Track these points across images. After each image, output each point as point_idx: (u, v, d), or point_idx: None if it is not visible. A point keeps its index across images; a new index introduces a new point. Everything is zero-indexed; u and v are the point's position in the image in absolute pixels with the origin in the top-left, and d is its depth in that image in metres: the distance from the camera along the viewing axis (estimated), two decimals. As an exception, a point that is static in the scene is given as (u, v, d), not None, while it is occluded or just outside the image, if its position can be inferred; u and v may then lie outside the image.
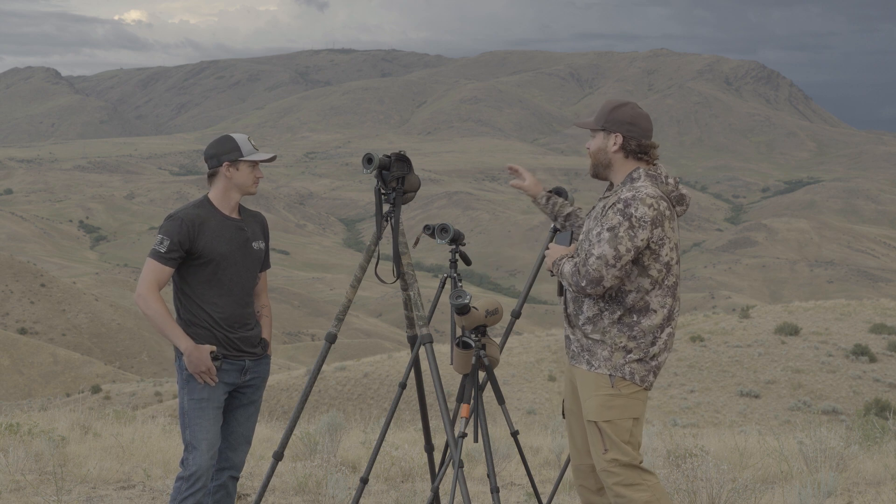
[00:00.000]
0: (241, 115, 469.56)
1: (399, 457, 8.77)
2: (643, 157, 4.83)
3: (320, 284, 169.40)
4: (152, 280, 5.23)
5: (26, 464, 8.50)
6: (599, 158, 4.88)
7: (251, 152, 5.38)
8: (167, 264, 5.24)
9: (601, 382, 4.75)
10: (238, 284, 5.36)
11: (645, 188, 4.70)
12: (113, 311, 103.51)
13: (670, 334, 4.80)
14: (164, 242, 5.24)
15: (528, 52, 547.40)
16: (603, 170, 4.88)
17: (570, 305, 4.88)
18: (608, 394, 4.74)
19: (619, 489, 4.73)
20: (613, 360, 4.73)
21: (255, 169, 5.40)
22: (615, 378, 4.73)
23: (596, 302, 4.76)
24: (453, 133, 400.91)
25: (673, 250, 4.73)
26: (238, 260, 5.36)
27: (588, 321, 4.78)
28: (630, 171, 4.82)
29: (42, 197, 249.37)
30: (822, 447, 8.69)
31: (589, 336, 4.78)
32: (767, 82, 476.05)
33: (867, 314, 48.31)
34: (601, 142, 4.85)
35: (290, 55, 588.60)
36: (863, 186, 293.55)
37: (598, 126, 4.85)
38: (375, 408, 37.88)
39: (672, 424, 23.02)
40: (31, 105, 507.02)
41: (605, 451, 4.74)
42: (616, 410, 4.74)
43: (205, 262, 5.28)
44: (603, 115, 4.85)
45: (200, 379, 5.22)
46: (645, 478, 4.75)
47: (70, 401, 44.91)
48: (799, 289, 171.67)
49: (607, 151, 4.84)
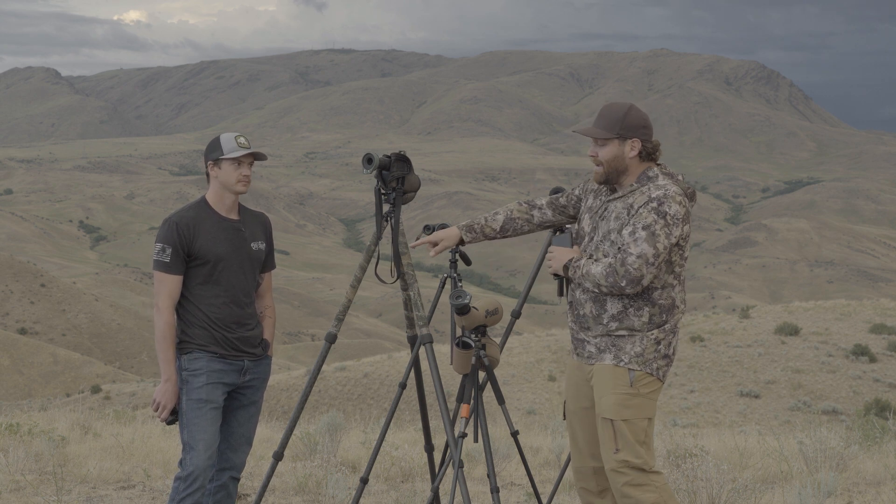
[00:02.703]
0: (241, 116, 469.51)
1: (399, 457, 8.77)
2: (654, 156, 4.86)
3: (320, 284, 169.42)
4: (166, 294, 5.24)
5: (26, 464, 8.50)
6: (615, 166, 4.81)
7: (233, 150, 5.32)
8: (174, 272, 5.24)
9: (620, 380, 4.73)
10: (235, 285, 5.35)
11: (670, 186, 4.75)
12: (113, 311, 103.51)
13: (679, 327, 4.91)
14: (165, 251, 5.23)
15: (528, 52, 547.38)
16: (618, 176, 4.83)
17: (585, 307, 4.84)
18: (626, 392, 4.72)
19: (627, 489, 4.71)
20: (645, 356, 4.74)
21: (241, 167, 5.32)
22: (634, 375, 4.73)
23: (620, 299, 4.76)
24: (453, 133, 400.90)
25: (689, 246, 4.84)
26: (235, 261, 5.34)
27: (613, 318, 4.77)
28: (643, 170, 4.84)
29: (42, 197, 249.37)
30: (822, 447, 8.69)
31: (614, 333, 4.76)
32: (767, 82, 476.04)
33: (867, 314, 48.32)
34: (616, 149, 4.80)
35: (290, 55, 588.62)
36: (863, 186, 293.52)
37: (612, 134, 4.80)
38: (375, 408, 37.87)
39: (672, 424, 23.02)
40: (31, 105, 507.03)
41: (617, 451, 4.71)
42: (633, 410, 4.73)
43: (201, 263, 5.27)
44: (616, 122, 4.80)
45: (153, 406, 5.32)
46: (653, 479, 4.73)
47: (70, 401, 44.90)
48: (799, 289, 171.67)
49: (624, 158, 4.81)
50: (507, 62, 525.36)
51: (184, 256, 5.24)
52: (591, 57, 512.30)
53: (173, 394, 5.26)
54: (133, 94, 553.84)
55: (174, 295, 5.25)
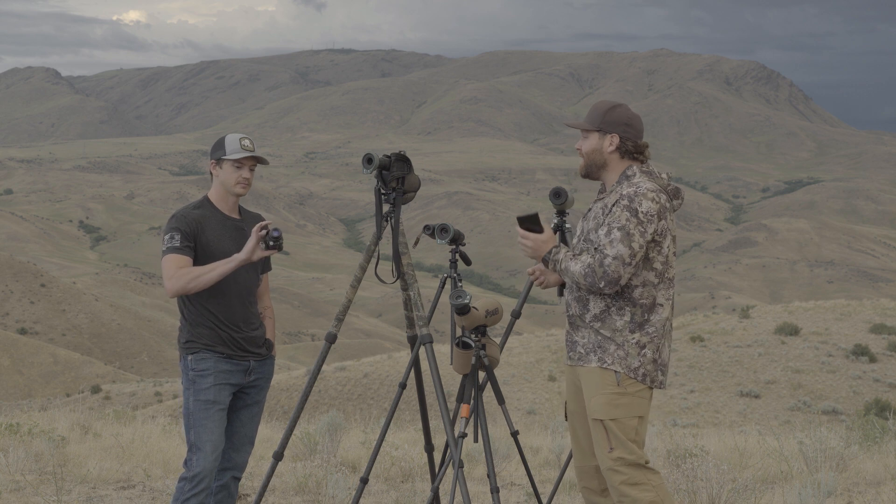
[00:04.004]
0: (241, 116, 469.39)
1: (399, 457, 8.77)
2: (638, 156, 4.89)
3: (320, 284, 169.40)
4: (175, 265, 5.19)
5: (26, 464, 8.50)
6: (594, 159, 4.89)
7: (235, 152, 5.33)
8: (185, 253, 5.22)
9: (607, 380, 4.75)
10: (241, 284, 5.36)
11: (644, 183, 4.76)
12: (113, 311, 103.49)
13: (671, 326, 4.88)
14: (174, 238, 5.23)
15: (528, 53, 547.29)
16: (597, 170, 4.90)
17: (572, 307, 4.87)
18: (614, 392, 4.74)
19: (624, 488, 4.72)
20: (629, 361, 4.74)
21: (242, 169, 5.33)
22: (621, 376, 4.74)
23: (602, 298, 4.77)
24: (453, 133, 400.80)
25: (672, 243, 4.81)
26: (240, 259, 5.36)
27: (595, 318, 4.78)
28: (623, 169, 4.87)
29: (42, 197, 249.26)
30: (822, 447, 8.69)
31: (599, 332, 4.77)
32: (767, 82, 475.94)
33: (867, 314, 48.31)
34: (596, 143, 4.87)
35: (290, 55, 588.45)
36: (863, 186, 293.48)
37: (592, 127, 4.87)
38: (375, 408, 37.85)
39: (672, 424, 23.01)
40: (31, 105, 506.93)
41: (611, 450, 4.73)
42: (622, 409, 4.74)
43: (209, 262, 5.29)
44: (598, 117, 4.87)
45: (257, 236, 5.15)
46: (650, 477, 4.74)
47: (70, 401, 44.90)
48: (799, 289, 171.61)
49: (603, 152, 4.87)
50: (507, 62, 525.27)
51: (193, 245, 5.24)
52: (590, 57, 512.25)
53: (248, 245, 5.16)
54: (133, 94, 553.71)
55: (184, 267, 5.22)
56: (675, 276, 4.87)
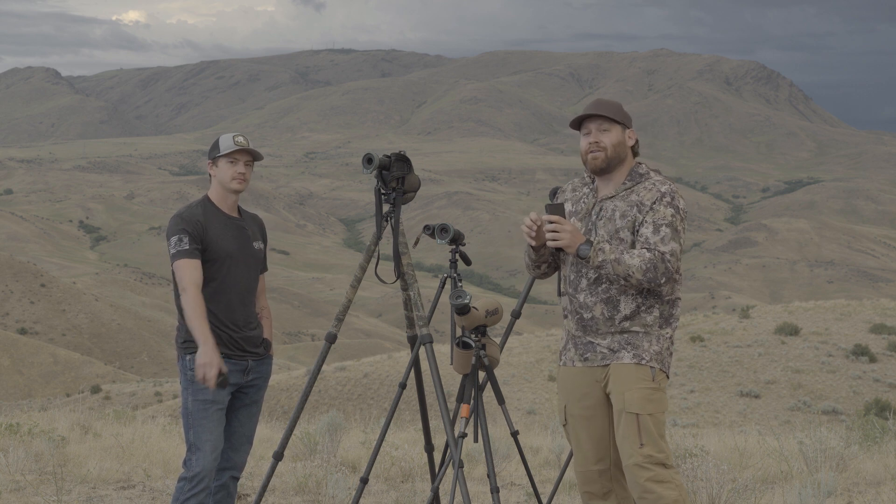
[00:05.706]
0: (241, 116, 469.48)
1: (399, 457, 8.77)
2: (636, 154, 4.92)
3: (320, 284, 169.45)
4: (189, 277, 5.18)
5: (26, 464, 8.50)
6: (619, 152, 4.81)
7: (228, 147, 5.34)
8: (195, 257, 5.22)
9: (643, 375, 4.72)
10: (242, 283, 5.37)
11: (667, 180, 4.81)
12: (113, 312, 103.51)
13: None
14: (182, 240, 5.22)
15: (528, 53, 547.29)
16: (617, 164, 4.81)
17: (594, 309, 4.76)
18: (650, 387, 4.72)
19: (650, 485, 4.66)
20: (662, 357, 4.76)
21: (237, 165, 5.33)
22: (656, 371, 4.74)
23: (634, 297, 4.74)
24: (453, 133, 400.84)
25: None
26: (241, 259, 5.37)
27: (625, 318, 4.74)
28: (632, 166, 4.86)
29: (42, 197, 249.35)
30: (822, 447, 8.69)
31: (629, 330, 4.74)
32: (767, 82, 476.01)
33: (867, 314, 48.33)
34: (619, 136, 4.81)
35: (290, 55, 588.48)
36: (863, 186, 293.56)
37: (619, 118, 4.81)
38: (375, 408, 37.86)
39: (672, 424, 23.02)
40: (31, 105, 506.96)
41: (642, 446, 4.67)
42: (655, 404, 4.73)
43: (211, 261, 5.28)
44: (618, 111, 4.81)
45: (198, 376, 5.10)
46: (674, 476, 4.71)
47: (70, 401, 44.91)
48: (799, 289, 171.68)
49: (626, 146, 4.84)
50: (507, 62, 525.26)
51: (199, 245, 5.24)
52: (590, 57, 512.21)
53: (214, 353, 5.09)
54: (133, 94, 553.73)
55: (198, 279, 5.19)
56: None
